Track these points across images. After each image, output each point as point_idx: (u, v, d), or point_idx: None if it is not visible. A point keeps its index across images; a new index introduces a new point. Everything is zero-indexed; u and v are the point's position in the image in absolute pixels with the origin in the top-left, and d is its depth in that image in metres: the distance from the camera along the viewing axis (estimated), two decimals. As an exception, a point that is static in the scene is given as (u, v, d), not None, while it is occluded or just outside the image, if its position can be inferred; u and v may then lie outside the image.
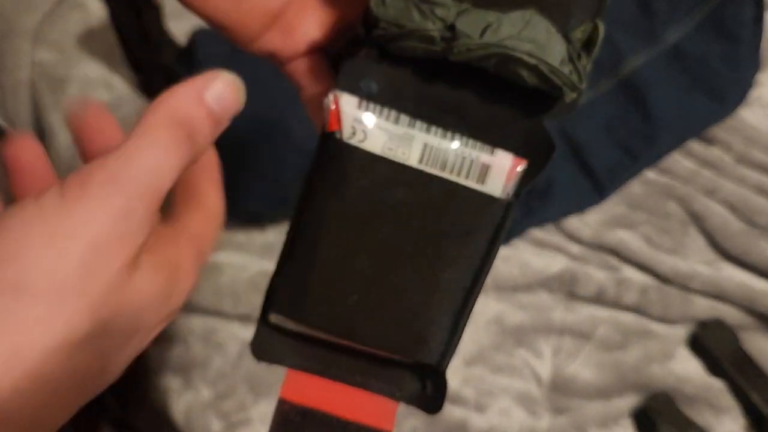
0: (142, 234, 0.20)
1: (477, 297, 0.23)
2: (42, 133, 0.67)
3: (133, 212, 0.19)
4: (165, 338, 0.53)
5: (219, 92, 0.21)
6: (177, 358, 0.52)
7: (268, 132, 0.54)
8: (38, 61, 0.68)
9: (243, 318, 0.53)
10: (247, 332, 0.53)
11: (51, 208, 0.19)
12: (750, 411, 0.56)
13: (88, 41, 0.69)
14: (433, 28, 0.20)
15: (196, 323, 0.53)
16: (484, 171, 0.22)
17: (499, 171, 0.22)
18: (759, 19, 0.69)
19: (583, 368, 0.56)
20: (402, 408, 0.56)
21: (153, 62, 0.62)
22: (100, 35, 0.69)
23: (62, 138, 0.63)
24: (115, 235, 0.19)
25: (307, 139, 0.54)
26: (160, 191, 0.20)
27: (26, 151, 0.26)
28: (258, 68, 0.58)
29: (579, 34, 0.22)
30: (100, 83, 0.67)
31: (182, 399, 0.51)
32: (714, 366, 0.57)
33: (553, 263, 0.59)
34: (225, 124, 0.22)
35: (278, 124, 0.54)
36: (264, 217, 0.59)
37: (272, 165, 0.54)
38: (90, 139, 0.27)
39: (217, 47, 0.61)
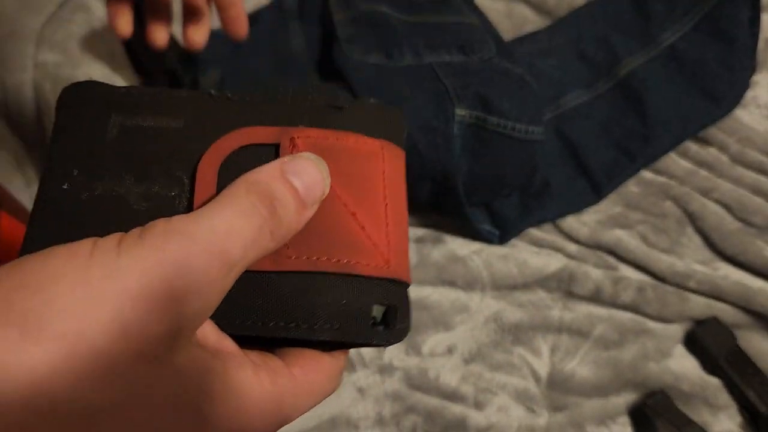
0: (202, 299, 0.17)
1: None
2: (44, 133, 0.67)
3: (190, 267, 0.16)
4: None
5: (301, 168, 0.20)
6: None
7: None
8: (42, 63, 0.68)
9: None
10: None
11: (102, 250, 0.16)
12: (747, 409, 0.56)
13: (92, 43, 0.70)
14: None
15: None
16: None
17: None
18: (755, 20, 0.69)
19: (581, 366, 0.57)
20: (403, 405, 0.57)
21: (156, 64, 0.63)
22: (104, 37, 0.69)
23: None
24: (162, 289, 0.16)
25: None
26: (226, 254, 0.17)
27: None
28: (259, 68, 0.59)
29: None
30: (103, 84, 0.67)
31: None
32: (711, 364, 0.58)
33: (551, 262, 0.60)
34: (311, 206, 0.21)
35: None
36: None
37: None
38: None
39: (219, 49, 0.61)
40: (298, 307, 0.20)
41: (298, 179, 0.20)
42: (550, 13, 0.75)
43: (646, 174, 0.67)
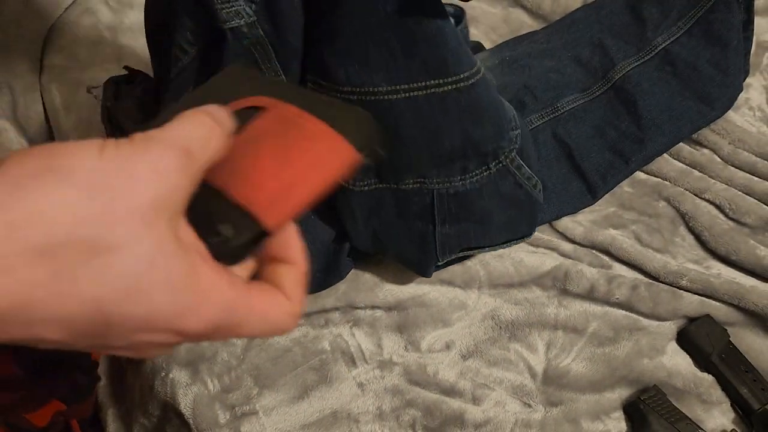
0: (177, 177, 0.22)
1: None
2: (53, 136, 0.68)
3: (166, 158, 0.22)
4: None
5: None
6: (185, 352, 0.54)
7: None
8: (49, 66, 0.69)
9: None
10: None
11: (111, 148, 0.22)
12: (739, 405, 0.57)
13: (98, 46, 0.71)
14: None
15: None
16: None
17: None
18: (748, 24, 0.70)
19: (576, 362, 0.58)
20: (402, 400, 0.57)
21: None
22: (110, 40, 0.71)
23: (73, 141, 0.65)
24: (148, 171, 0.22)
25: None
26: (187, 149, 0.24)
27: None
28: None
29: None
30: (110, 87, 0.69)
31: (190, 391, 0.52)
32: (704, 361, 0.59)
33: (547, 261, 0.61)
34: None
35: None
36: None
37: None
38: None
39: None
40: None
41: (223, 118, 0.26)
42: (545, 17, 0.76)
43: (640, 174, 0.68)
